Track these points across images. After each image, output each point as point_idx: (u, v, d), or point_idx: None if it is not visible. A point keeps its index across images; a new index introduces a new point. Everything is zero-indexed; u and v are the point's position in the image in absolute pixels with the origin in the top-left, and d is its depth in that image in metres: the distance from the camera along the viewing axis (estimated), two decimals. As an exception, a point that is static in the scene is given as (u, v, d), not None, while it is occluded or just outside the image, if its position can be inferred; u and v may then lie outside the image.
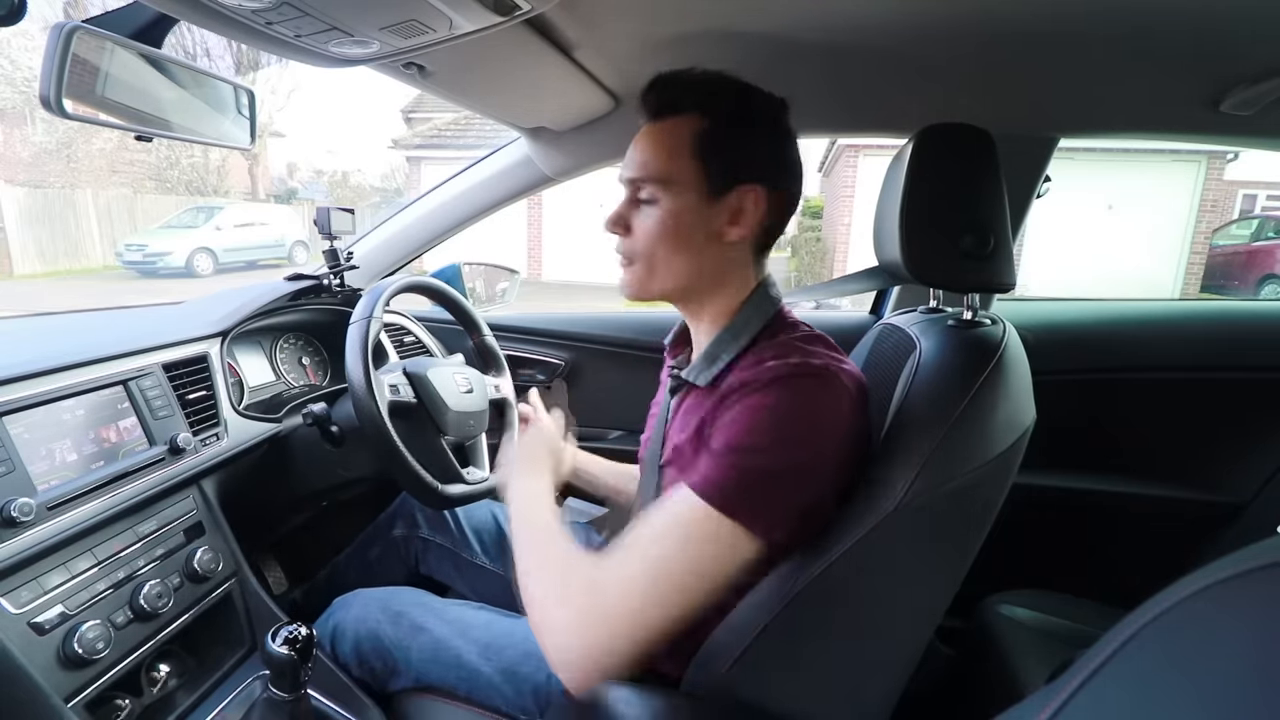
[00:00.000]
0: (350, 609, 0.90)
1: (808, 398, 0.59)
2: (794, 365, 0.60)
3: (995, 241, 0.66)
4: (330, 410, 1.01)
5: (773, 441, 0.57)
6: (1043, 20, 0.76)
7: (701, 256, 0.68)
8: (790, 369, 0.60)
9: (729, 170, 0.66)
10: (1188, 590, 0.28)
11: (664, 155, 0.67)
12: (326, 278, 1.24)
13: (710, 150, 0.65)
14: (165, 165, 13.68)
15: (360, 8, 0.62)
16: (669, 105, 0.68)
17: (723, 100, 0.67)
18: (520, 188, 1.34)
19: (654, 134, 0.68)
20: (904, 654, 0.67)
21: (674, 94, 0.68)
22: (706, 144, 0.65)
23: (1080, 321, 1.39)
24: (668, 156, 0.67)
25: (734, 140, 0.66)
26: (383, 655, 0.84)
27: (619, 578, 0.56)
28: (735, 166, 0.66)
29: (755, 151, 0.67)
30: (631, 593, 0.55)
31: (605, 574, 0.57)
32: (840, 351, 0.68)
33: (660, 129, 0.68)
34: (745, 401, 0.60)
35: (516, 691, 0.77)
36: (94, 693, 0.71)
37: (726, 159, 0.66)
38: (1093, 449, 1.32)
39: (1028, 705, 0.32)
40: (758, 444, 0.57)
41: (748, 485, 0.56)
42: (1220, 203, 9.03)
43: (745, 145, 0.67)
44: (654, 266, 0.69)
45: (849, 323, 1.45)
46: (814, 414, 0.59)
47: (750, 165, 0.67)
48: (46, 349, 0.80)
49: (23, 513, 0.66)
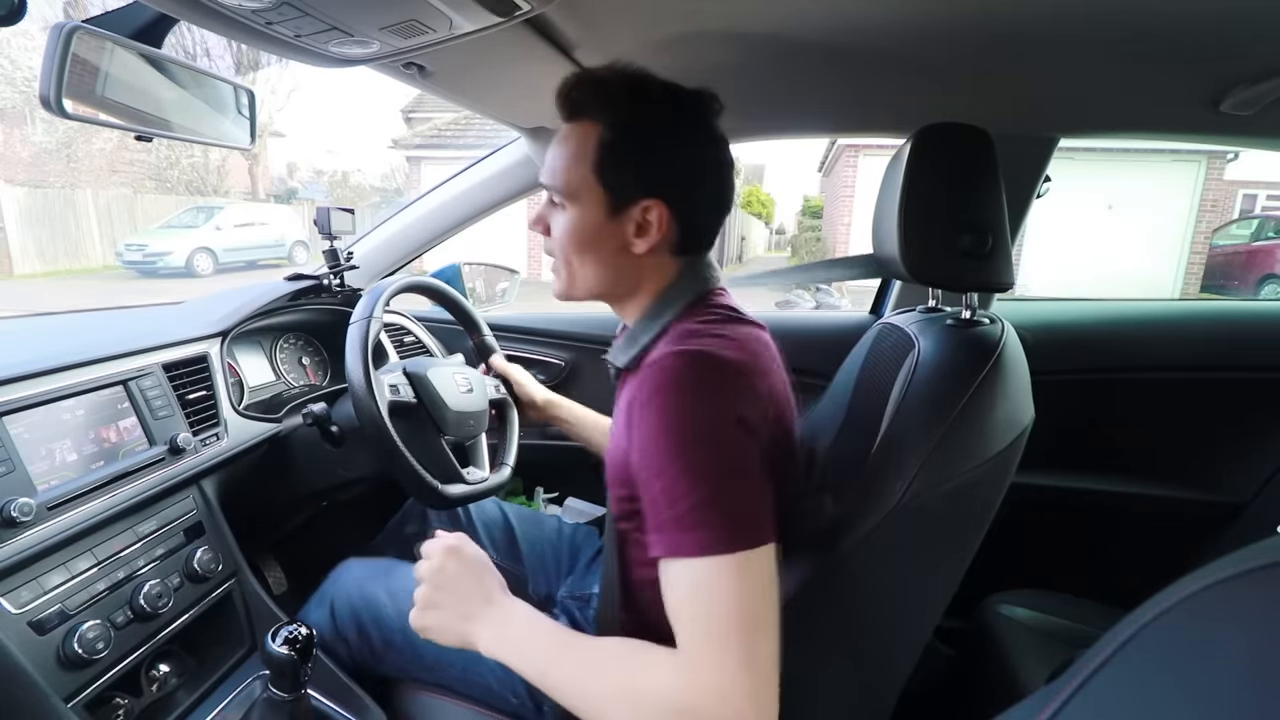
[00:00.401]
0: (351, 573, 0.91)
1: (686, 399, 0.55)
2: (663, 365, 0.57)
3: (994, 241, 0.66)
4: (330, 410, 1.01)
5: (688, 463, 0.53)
6: (1042, 20, 0.76)
7: (612, 266, 0.68)
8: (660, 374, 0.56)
9: (629, 185, 0.64)
10: (1187, 590, 0.28)
11: (568, 166, 0.66)
12: (326, 278, 1.24)
13: (608, 165, 0.64)
14: (165, 165, 13.68)
15: (360, 8, 0.62)
16: (575, 108, 0.66)
17: (624, 107, 0.64)
18: (520, 188, 1.34)
19: (562, 139, 0.67)
20: (903, 653, 0.67)
21: (580, 96, 0.66)
22: (605, 158, 0.64)
23: (1080, 321, 1.39)
24: (571, 168, 0.66)
25: (634, 153, 0.64)
26: (380, 627, 0.85)
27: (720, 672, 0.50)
28: (635, 182, 0.64)
29: (658, 164, 0.64)
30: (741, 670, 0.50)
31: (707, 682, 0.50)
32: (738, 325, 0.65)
33: (568, 133, 0.67)
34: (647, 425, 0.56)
35: (507, 674, 0.78)
36: (94, 693, 0.71)
37: (626, 174, 0.64)
38: (1092, 449, 1.32)
39: (1028, 705, 0.32)
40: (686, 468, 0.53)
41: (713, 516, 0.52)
42: (1220, 203, 9.04)
43: (647, 158, 0.64)
44: (571, 271, 0.69)
45: (849, 322, 1.45)
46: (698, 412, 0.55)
47: (652, 180, 0.64)
48: (46, 349, 0.80)
49: (23, 513, 0.66)
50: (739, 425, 0.56)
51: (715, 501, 0.52)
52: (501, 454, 1.12)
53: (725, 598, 0.51)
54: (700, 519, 0.52)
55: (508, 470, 1.09)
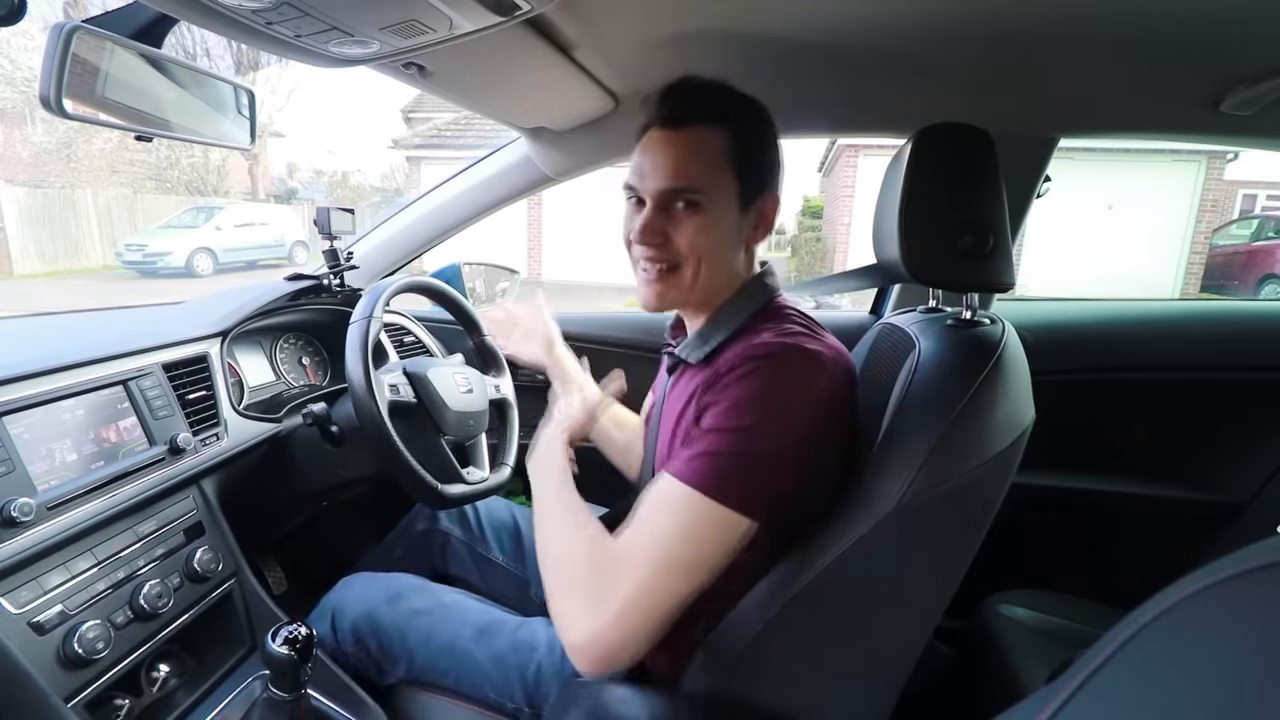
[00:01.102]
0: (353, 588, 0.92)
1: (788, 380, 0.61)
2: (778, 345, 0.63)
3: (994, 241, 0.66)
4: (330, 410, 1.01)
5: (754, 425, 0.59)
6: (1042, 21, 0.76)
7: (735, 262, 0.72)
8: (773, 349, 0.63)
9: (757, 180, 0.70)
10: (1188, 590, 0.28)
11: (703, 165, 0.67)
12: (326, 278, 1.24)
13: (743, 162, 0.68)
14: (165, 165, 13.67)
15: (360, 8, 0.62)
16: (691, 115, 0.68)
17: (742, 113, 0.70)
18: (520, 188, 1.34)
19: (682, 144, 0.68)
20: (904, 654, 0.67)
21: (695, 104, 0.68)
22: (738, 156, 0.68)
23: (1080, 321, 1.39)
24: (707, 166, 0.67)
25: (759, 150, 0.70)
26: (379, 636, 0.86)
27: (628, 568, 0.58)
28: (760, 177, 0.70)
29: (771, 162, 0.72)
30: (639, 582, 0.57)
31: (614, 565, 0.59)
32: (829, 335, 0.70)
33: (686, 139, 0.68)
34: (731, 385, 0.61)
35: (504, 679, 0.79)
36: (94, 693, 0.71)
37: (755, 170, 0.70)
38: (1092, 449, 1.32)
39: (1028, 705, 0.32)
40: (740, 427, 0.59)
41: (730, 469, 0.58)
42: (1220, 203, 9.03)
43: (765, 156, 0.71)
44: (698, 274, 0.70)
45: (849, 322, 1.45)
46: (793, 396, 0.61)
47: (769, 174, 0.71)
48: (46, 349, 0.80)
49: (23, 513, 0.66)
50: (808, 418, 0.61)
51: (737, 463, 0.58)
52: (501, 454, 1.12)
53: (672, 523, 0.59)
54: (709, 464, 0.59)
55: (507, 470, 1.09)
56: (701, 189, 0.67)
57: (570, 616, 0.60)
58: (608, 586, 0.58)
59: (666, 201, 0.69)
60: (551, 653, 0.80)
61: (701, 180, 0.67)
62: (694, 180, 0.67)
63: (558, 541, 0.66)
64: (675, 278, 0.70)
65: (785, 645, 0.63)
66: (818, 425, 0.62)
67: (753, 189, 0.70)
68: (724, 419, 0.60)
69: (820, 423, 0.62)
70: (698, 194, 0.67)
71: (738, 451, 0.59)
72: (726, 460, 0.58)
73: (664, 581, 0.57)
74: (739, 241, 0.72)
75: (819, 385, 0.62)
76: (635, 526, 0.61)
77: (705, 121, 0.68)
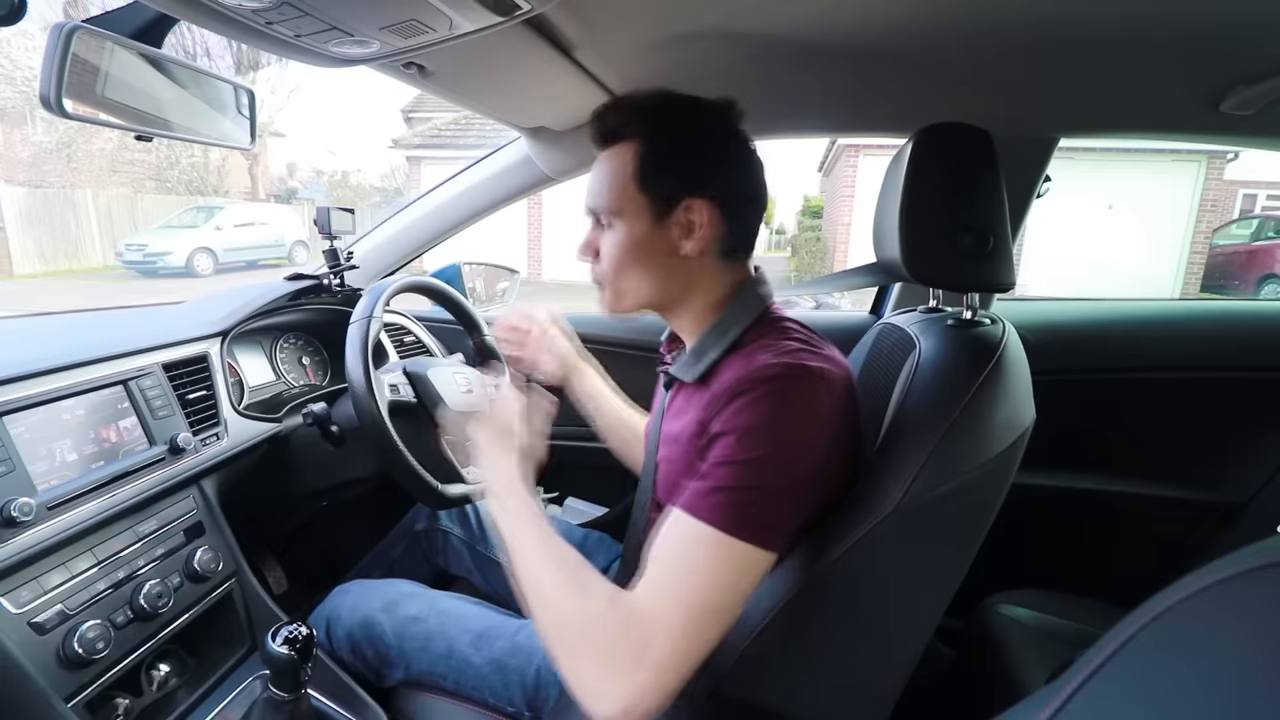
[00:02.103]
0: (347, 596, 0.92)
1: (795, 404, 0.59)
2: (779, 367, 0.60)
3: (994, 241, 0.66)
4: (330, 410, 1.01)
5: (767, 456, 0.57)
6: (1043, 21, 0.76)
7: (663, 272, 0.70)
8: (775, 372, 0.60)
9: (670, 189, 0.68)
10: (1188, 590, 0.28)
11: (611, 185, 0.69)
12: (326, 278, 1.24)
13: (649, 174, 0.68)
14: (165, 165, 13.67)
15: (360, 8, 0.62)
16: (611, 134, 0.70)
17: (658, 122, 0.69)
18: (520, 188, 1.34)
19: (602, 163, 0.71)
20: (904, 654, 0.67)
21: (613, 122, 0.70)
22: (646, 169, 0.68)
23: (1080, 321, 1.39)
24: (614, 186, 0.69)
25: (672, 160, 0.68)
26: (375, 643, 0.85)
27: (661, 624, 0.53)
28: (676, 184, 0.68)
29: (694, 166, 0.68)
30: (675, 637, 0.53)
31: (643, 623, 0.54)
32: (827, 345, 0.68)
33: (606, 158, 0.70)
34: (738, 413, 0.59)
35: (504, 684, 0.78)
36: (94, 692, 0.71)
37: (666, 179, 0.68)
38: (1093, 449, 1.32)
39: (1028, 705, 0.32)
40: (752, 459, 0.57)
41: (748, 503, 0.56)
42: (1220, 203, 9.03)
43: (683, 162, 0.68)
44: (620, 288, 0.72)
45: (849, 322, 1.45)
46: (803, 419, 0.59)
47: (690, 178, 0.68)
48: (46, 349, 0.80)
49: (23, 513, 0.66)
50: (820, 441, 0.59)
51: (749, 496, 0.56)
52: None
53: (698, 567, 0.55)
54: (727, 500, 0.56)
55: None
56: (609, 208, 0.70)
57: (597, 686, 0.53)
58: (641, 647, 0.53)
59: (595, 219, 0.73)
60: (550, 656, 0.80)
61: (607, 199, 0.69)
62: (600, 200, 0.70)
63: (563, 603, 0.58)
64: (605, 292, 0.73)
65: (785, 646, 0.63)
66: (828, 444, 0.60)
67: (664, 199, 0.68)
68: (735, 451, 0.57)
69: (830, 441, 0.60)
70: (608, 213, 0.70)
71: (753, 485, 0.56)
72: (743, 494, 0.56)
73: (698, 630, 0.54)
74: (664, 253, 0.69)
75: (825, 404, 0.60)
76: (656, 572, 0.56)
77: (622, 139, 0.69)
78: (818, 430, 0.59)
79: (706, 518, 0.56)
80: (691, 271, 0.70)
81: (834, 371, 0.63)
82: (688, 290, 0.71)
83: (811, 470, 0.59)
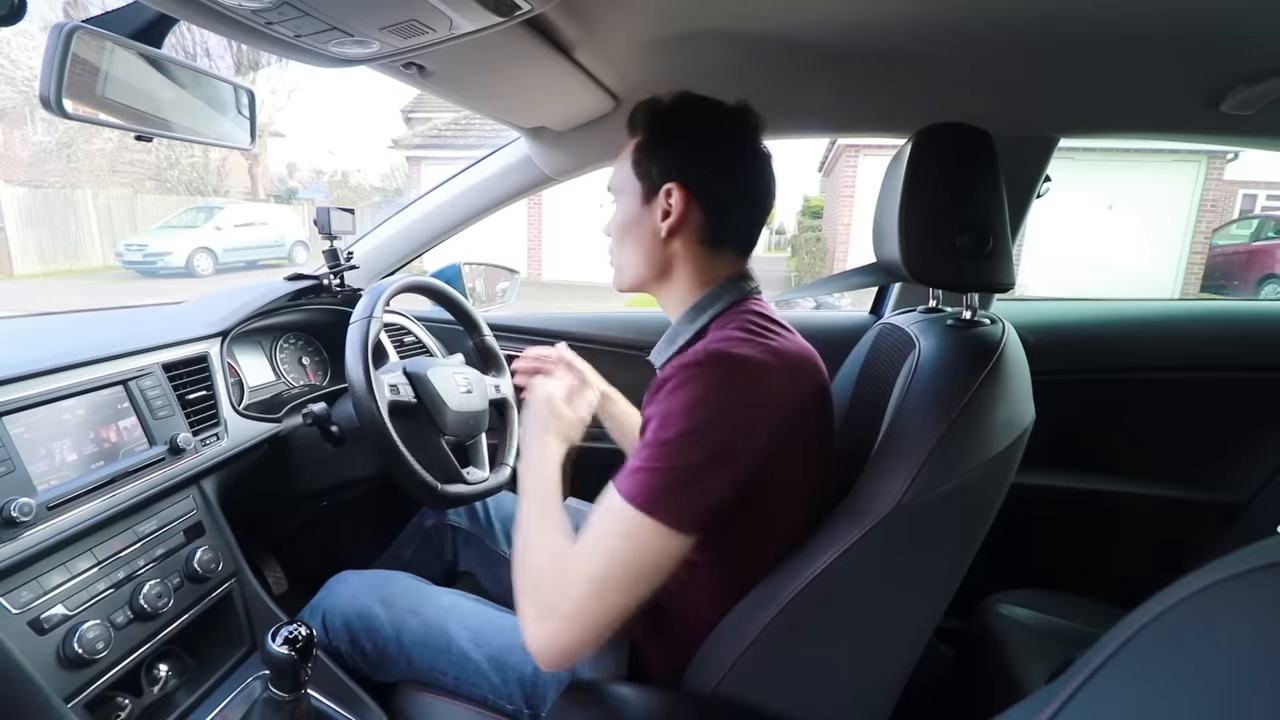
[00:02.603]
0: (346, 585, 0.92)
1: (713, 388, 0.61)
2: (703, 354, 0.63)
3: (994, 241, 0.66)
4: (330, 410, 1.01)
5: (678, 436, 0.59)
6: (1043, 21, 0.76)
7: (647, 251, 0.76)
8: (700, 358, 0.62)
9: (654, 173, 0.74)
10: (1188, 590, 0.28)
11: (618, 169, 0.79)
12: (326, 278, 1.24)
13: (640, 159, 0.75)
14: (165, 165, 13.67)
15: (360, 8, 0.62)
16: (630, 127, 0.78)
17: (661, 116, 0.75)
18: (520, 188, 1.34)
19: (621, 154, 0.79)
20: (904, 654, 0.67)
21: (632, 118, 0.77)
22: (640, 155, 0.75)
23: (1080, 321, 1.39)
24: (619, 170, 0.78)
25: (658, 145, 0.74)
26: (373, 637, 0.85)
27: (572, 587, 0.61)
28: (659, 170, 0.74)
29: (679, 154, 0.73)
30: (579, 600, 0.60)
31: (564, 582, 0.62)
32: (784, 337, 0.69)
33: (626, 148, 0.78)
34: (664, 397, 0.62)
35: (503, 680, 0.79)
36: (94, 693, 0.71)
37: (652, 164, 0.74)
38: (1093, 449, 1.32)
39: (1028, 705, 0.32)
40: (666, 440, 0.60)
41: (659, 484, 0.59)
42: (1220, 203, 9.03)
43: (670, 150, 0.73)
44: (618, 263, 0.80)
45: (849, 322, 1.45)
46: (719, 404, 0.60)
47: (671, 164, 0.73)
48: (46, 349, 0.80)
49: (23, 513, 0.66)
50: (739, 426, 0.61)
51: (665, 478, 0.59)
52: (501, 454, 1.12)
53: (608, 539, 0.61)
54: (643, 480, 0.60)
55: (508, 470, 1.09)
56: (612, 188, 0.79)
57: (526, 620, 0.64)
58: (555, 600, 0.62)
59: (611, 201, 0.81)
60: None
61: (613, 180, 0.79)
62: (611, 182, 0.80)
63: (532, 550, 0.68)
64: (612, 261, 0.81)
65: (785, 646, 0.63)
66: (750, 430, 0.61)
67: (651, 182, 0.74)
68: (655, 433, 0.61)
69: (755, 428, 0.61)
70: (612, 192, 0.79)
71: (665, 467, 0.59)
72: (656, 475, 0.59)
73: (598, 595, 0.60)
74: (648, 234, 0.75)
75: (748, 389, 0.62)
76: (582, 541, 0.63)
77: (631, 133, 0.77)
78: (736, 414, 0.61)
79: (624, 493, 0.60)
80: (672, 255, 0.75)
81: (769, 361, 0.64)
82: (667, 274, 0.77)
83: (725, 453, 0.60)
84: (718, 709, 0.65)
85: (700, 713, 0.66)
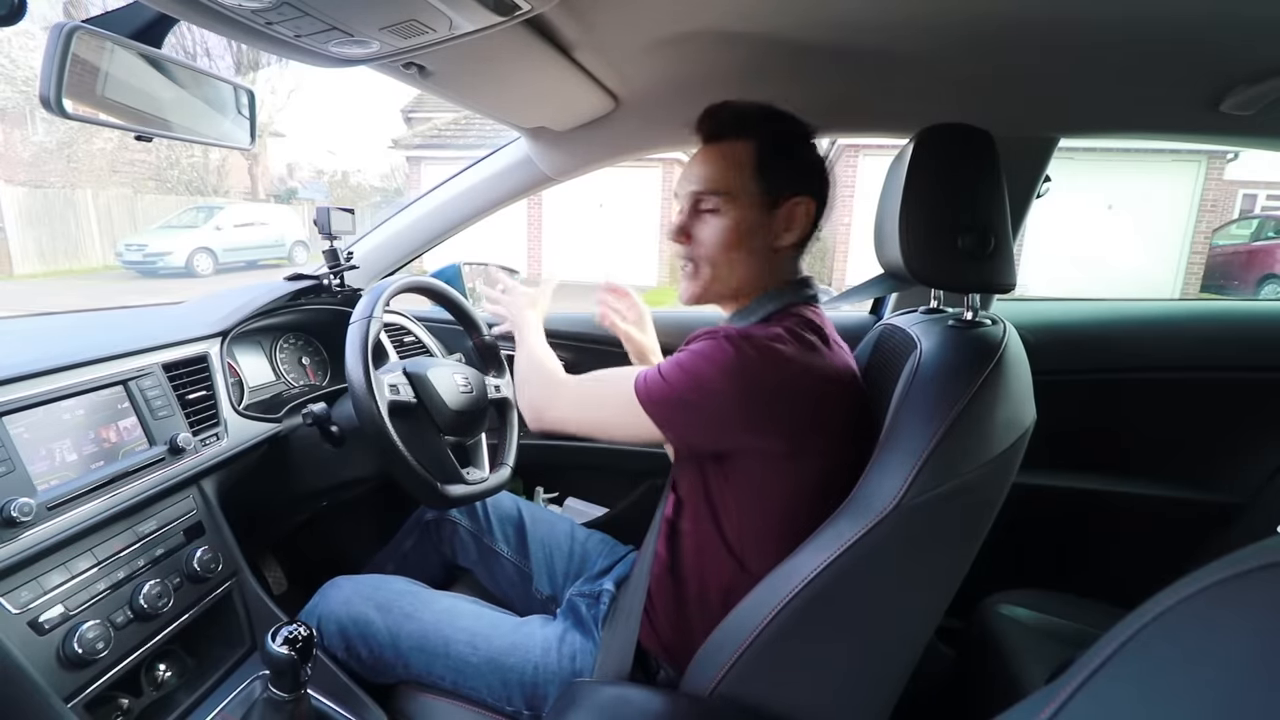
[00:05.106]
0: (339, 590, 0.92)
1: (727, 355, 0.67)
2: (734, 330, 0.69)
3: (995, 241, 0.66)
4: (330, 410, 1.01)
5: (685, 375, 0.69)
6: (1043, 21, 0.76)
7: (759, 259, 0.77)
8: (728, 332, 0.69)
9: (782, 184, 0.75)
10: (1188, 590, 0.28)
11: (726, 172, 0.76)
12: (326, 278, 1.24)
13: (765, 169, 0.75)
14: (165, 165, 13.66)
15: (360, 8, 0.62)
16: (724, 130, 0.77)
17: (769, 124, 0.77)
18: (520, 188, 1.34)
19: (713, 154, 0.78)
20: (904, 654, 0.67)
21: (728, 120, 0.77)
22: (760, 162, 0.75)
23: (1080, 322, 1.39)
24: (729, 173, 0.76)
25: (784, 157, 0.76)
26: (369, 643, 0.85)
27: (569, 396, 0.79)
28: (786, 181, 0.76)
29: (800, 167, 0.77)
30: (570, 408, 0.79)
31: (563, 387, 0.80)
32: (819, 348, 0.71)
33: (718, 150, 0.77)
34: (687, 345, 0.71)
35: (502, 683, 0.79)
36: (94, 693, 0.71)
37: (779, 175, 0.75)
38: (1093, 449, 1.32)
39: (1028, 705, 0.32)
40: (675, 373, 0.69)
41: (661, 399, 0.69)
42: (1220, 203, 9.03)
43: (790, 162, 0.76)
44: (719, 271, 0.78)
45: (849, 323, 1.45)
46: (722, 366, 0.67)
47: (799, 178, 0.76)
48: (46, 349, 0.80)
49: (23, 513, 0.66)
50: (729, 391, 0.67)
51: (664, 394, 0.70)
52: (501, 454, 1.12)
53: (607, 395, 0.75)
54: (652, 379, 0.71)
55: (507, 470, 1.09)
56: (720, 191, 0.76)
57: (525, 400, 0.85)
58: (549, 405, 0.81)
59: (693, 204, 0.78)
60: (548, 654, 0.80)
61: (721, 183, 0.76)
62: (714, 184, 0.76)
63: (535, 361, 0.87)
64: (697, 273, 0.79)
65: (785, 646, 0.63)
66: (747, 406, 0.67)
67: (775, 191, 0.75)
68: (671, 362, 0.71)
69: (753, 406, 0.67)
70: (717, 195, 0.76)
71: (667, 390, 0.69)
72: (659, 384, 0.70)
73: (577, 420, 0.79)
74: (763, 243, 0.76)
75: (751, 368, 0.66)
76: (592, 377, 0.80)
77: (735, 136, 0.76)
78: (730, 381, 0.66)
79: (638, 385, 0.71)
80: (778, 264, 0.79)
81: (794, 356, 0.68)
82: (766, 283, 0.79)
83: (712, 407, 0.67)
84: (717, 709, 0.65)
85: (700, 713, 0.66)
